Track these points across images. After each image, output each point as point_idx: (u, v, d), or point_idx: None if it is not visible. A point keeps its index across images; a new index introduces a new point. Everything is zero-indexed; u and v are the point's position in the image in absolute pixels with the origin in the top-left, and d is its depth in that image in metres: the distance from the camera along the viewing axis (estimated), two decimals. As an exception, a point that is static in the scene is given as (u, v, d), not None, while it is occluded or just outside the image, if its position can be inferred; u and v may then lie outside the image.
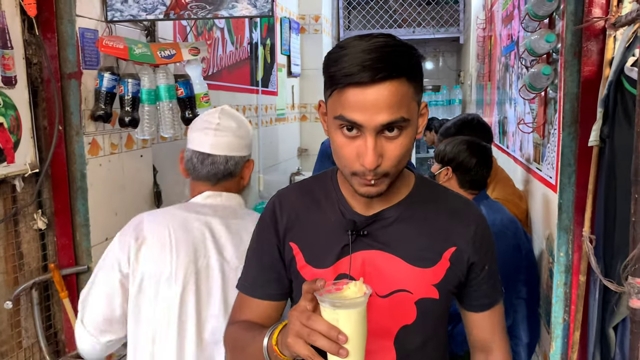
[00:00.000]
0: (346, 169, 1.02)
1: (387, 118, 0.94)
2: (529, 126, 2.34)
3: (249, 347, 1.04)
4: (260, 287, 1.16)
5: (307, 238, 1.12)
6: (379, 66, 0.92)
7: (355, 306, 0.88)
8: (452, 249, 1.10)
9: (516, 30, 2.83)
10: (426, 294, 1.09)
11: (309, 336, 0.86)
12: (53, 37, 2.08)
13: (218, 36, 3.73)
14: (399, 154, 0.98)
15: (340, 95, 0.96)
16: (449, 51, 8.80)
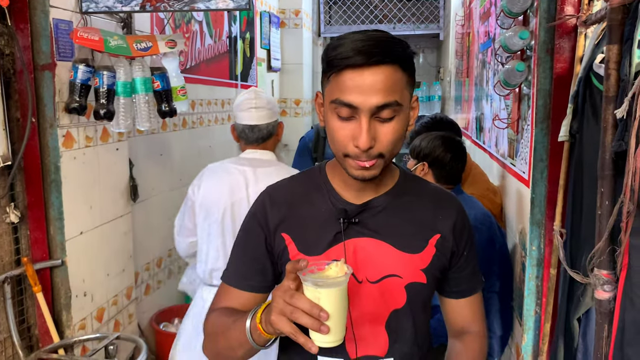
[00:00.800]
0: (340, 152, 1.06)
1: (382, 100, 0.99)
2: (504, 122, 2.37)
3: (230, 331, 1.06)
4: (244, 278, 1.18)
5: (299, 228, 1.15)
6: (374, 51, 0.98)
7: (336, 285, 0.92)
8: (437, 236, 1.16)
9: (493, 27, 2.86)
10: (415, 279, 1.14)
11: (291, 314, 0.90)
12: (26, 27, 2.04)
13: (196, 29, 3.70)
14: (392, 138, 1.03)
15: (337, 79, 1.01)
16: (429, 47, 8.85)
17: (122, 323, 2.63)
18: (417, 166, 2.19)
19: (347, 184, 1.15)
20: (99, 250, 2.42)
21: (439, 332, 2.03)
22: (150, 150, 3.07)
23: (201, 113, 3.80)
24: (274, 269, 1.19)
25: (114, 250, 2.54)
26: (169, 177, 3.33)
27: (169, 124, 3.29)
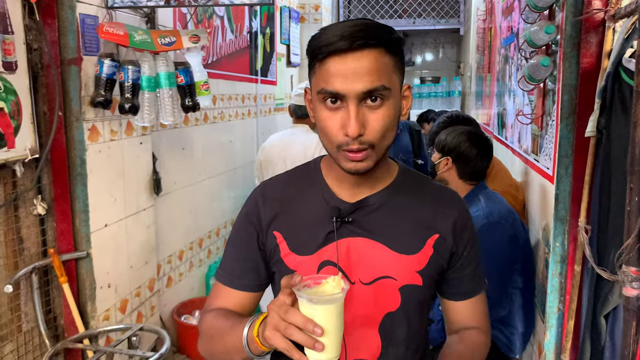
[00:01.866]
0: (331, 144, 1.02)
1: (368, 85, 0.96)
2: (528, 117, 2.35)
3: (227, 336, 1.04)
4: (238, 277, 1.16)
5: (292, 226, 1.12)
6: (357, 35, 0.95)
7: (332, 302, 0.89)
8: (436, 236, 1.11)
9: (516, 22, 2.83)
10: (410, 281, 1.09)
11: (285, 330, 0.88)
12: (53, 22, 2.08)
13: (218, 24, 3.72)
14: (382, 125, 1.00)
15: (322, 67, 0.99)
16: (449, 42, 8.78)
17: (145, 315, 2.67)
18: (440, 160, 2.18)
19: (341, 181, 1.12)
20: (123, 243, 2.45)
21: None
22: (173, 144, 3.10)
23: (222, 108, 3.83)
24: (267, 267, 1.16)
25: (137, 243, 2.57)
26: (191, 171, 3.36)
27: (191, 118, 3.32)
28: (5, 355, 2.00)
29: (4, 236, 1.99)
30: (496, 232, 1.99)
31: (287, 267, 1.11)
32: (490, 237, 1.97)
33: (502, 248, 1.99)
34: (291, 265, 1.11)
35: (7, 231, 2.00)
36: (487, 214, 2.02)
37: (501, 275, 1.99)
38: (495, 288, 1.98)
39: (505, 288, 2.00)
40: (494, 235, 1.98)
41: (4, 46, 1.85)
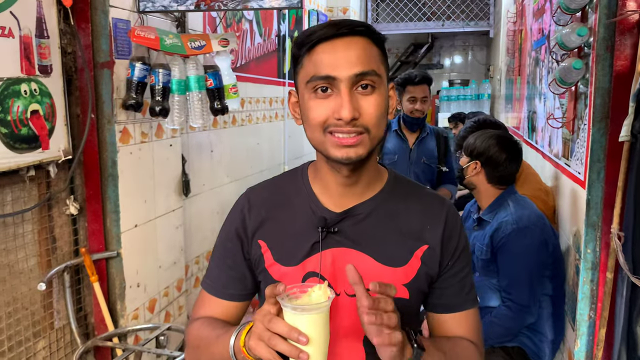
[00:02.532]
0: (318, 130, 0.99)
1: (360, 68, 0.95)
2: (559, 121, 2.31)
3: (214, 347, 1.03)
4: (223, 286, 1.14)
5: (277, 236, 1.09)
6: (343, 23, 0.98)
7: (317, 311, 0.88)
8: (424, 247, 1.07)
9: (547, 24, 2.79)
10: (396, 294, 1.01)
11: (269, 339, 0.86)
12: (87, 27, 2.12)
13: (247, 28, 3.75)
14: (375, 111, 0.97)
15: (310, 58, 0.98)
16: (478, 45, 8.69)
17: (173, 314, 2.71)
18: (469, 164, 2.16)
19: (328, 188, 1.08)
20: (152, 243, 2.49)
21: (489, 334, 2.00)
22: (202, 146, 3.14)
23: (250, 111, 3.86)
24: (253, 276, 1.14)
25: (166, 243, 2.61)
26: (219, 173, 3.40)
27: (220, 121, 3.36)
28: (38, 351, 2.05)
29: (37, 235, 2.04)
30: (525, 237, 1.96)
31: (272, 278, 1.09)
32: (519, 243, 1.95)
33: (531, 254, 1.96)
34: (275, 275, 1.08)
35: (40, 230, 2.05)
36: (516, 219, 1.99)
37: (530, 281, 1.96)
38: (524, 295, 1.95)
39: (534, 295, 1.97)
40: (523, 240, 1.95)
41: (40, 50, 1.90)
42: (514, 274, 1.97)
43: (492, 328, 2.00)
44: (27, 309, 2.00)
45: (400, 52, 9.05)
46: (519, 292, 1.96)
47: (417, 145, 3.13)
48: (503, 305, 2.00)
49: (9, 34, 1.77)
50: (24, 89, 1.84)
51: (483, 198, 2.16)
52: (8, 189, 1.89)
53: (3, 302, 1.88)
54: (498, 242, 1.99)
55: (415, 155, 3.13)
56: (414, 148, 3.13)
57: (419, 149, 3.13)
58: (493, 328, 2.00)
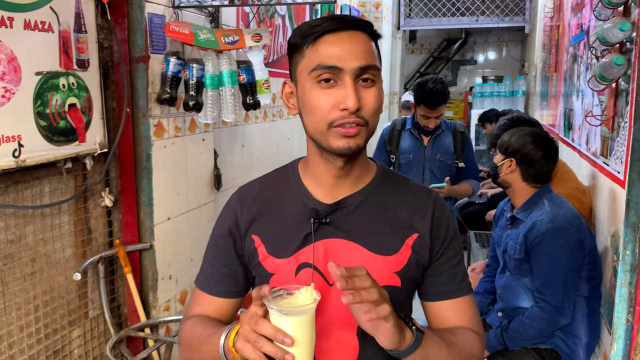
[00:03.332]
0: (321, 123, 1.01)
1: (364, 62, 0.99)
2: (598, 119, 2.25)
3: (205, 346, 1.05)
4: (215, 283, 1.15)
5: (270, 230, 1.11)
6: (346, 17, 1.02)
7: (302, 313, 0.89)
8: (415, 236, 1.09)
9: (587, 19, 2.72)
10: (388, 282, 1.07)
11: (255, 341, 0.88)
12: (123, 21, 2.16)
13: (279, 23, 3.76)
14: (375, 104, 1.01)
15: (315, 47, 1.01)
16: (512, 41, 8.54)
17: (203, 307, 2.74)
18: (504, 162, 2.12)
19: (319, 182, 1.10)
20: (184, 236, 2.52)
21: (520, 336, 1.97)
22: (233, 141, 3.16)
23: (281, 106, 3.87)
24: (246, 272, 1.15)
25: (198, 237, 2.64)
26: (249, 168, 3.42)
27: (251, 116, 3.37)
28: (73, 339, 2.10)
29: (73, 226, 2.08)
30: (561, 237, 1.91)
31: (266, 271, 1.10)
32: (554, 242, 1.91)
33: (566, 254, 1.92)
34: (269, 268, 1.10)
35: (76, 221, 2.09)
36: (551, 218, 1.95)
37: (565, 282, 1.91)
38: (558, 295, 1.91)
39: (568, 296, 1.93)
40: (558, 240, 1.91)
41: (78, 44, 1.94)
42: (548, 274, 1.93)
43: (524, 329, 1.96)
44: (63, 298, 2.04)
45: (433, 47, 8.96)
46: (553, 293, 1.92)
47: (432, 143, 3.08)
48: (536, 306, 1.96)
49: (48, 28, 1.81)
50: (62, 82, 1.87)
51: (517, 196, 2.12)
52: (46, 181, 1.93)
53: (40, 290, 1.93)
54: (532, 241, 1.95)
55: (429, 152, 3.08)
56: (429, 145, 3.08)
57: (434, 146, 3.08)
58: (525, 329, 1.96)
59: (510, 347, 2.01)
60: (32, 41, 1.74)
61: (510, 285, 2.10)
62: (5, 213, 1.77)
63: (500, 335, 2.01)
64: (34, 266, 1.90)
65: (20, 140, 1.70)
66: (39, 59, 1.77)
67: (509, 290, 2.10)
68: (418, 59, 9.09)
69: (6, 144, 1.65)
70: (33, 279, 1.90)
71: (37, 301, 1.92)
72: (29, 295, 1.89)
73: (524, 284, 2.05)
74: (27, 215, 1.86)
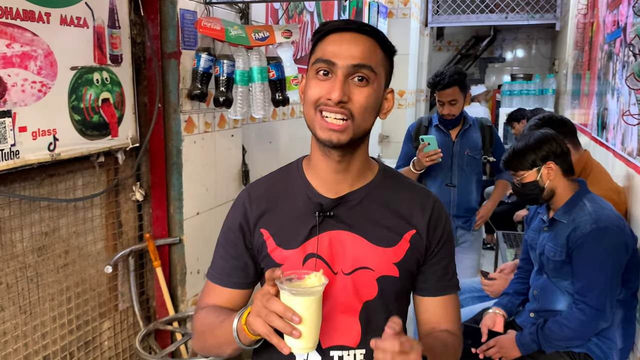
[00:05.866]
0: (311, 107, 1.09)
1: (358, 60, 1.06)
2: (635, 118, 2.19)
3: (218, 330, 1.11)
4: (226, 275, 1.22)
5: (277, 223, 1.18)
6: (355, 21, 1.11)
7: (311, 294, 0.97)
8: (412, 232, 1.17)
9: (624, 16, 2.65)
10: (386, 272, 1.15)
11: (266, 316, 0.96)
12: (156, 17, 2.17)
13: (308, 20, 3.75)
14: (364, 101, 1.07)
15: (321, 44, 1.11)
16: (542, 38, 8.39)
17: (230, 302, 2.75)
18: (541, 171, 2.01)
19: (323, 178, 1.17)
20: (213, 231, 2.53)
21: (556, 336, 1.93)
22: (261, 137, 3.17)
23: (309, 102, 3.86)
24: (255, 265, 1.22)
25: (225, 232, 2.65)
26: (277, 164, 3.38)
27: (279, 112, 3.38)
28: (103, 331, 2.13)
29: (105, 220, 2.11)
30: (605, 238, 1.86)
31: (274, 261, 1.17)
32: (598, 244, 1.85)
33: (610, 256, 1.86)
34: (278, 259, 1.16)
35: (108, 215, 2.12)
36: (595, 219, 1.89)
37: (608, 285, 1.85)
38: (600, 298, 1.85)
39: (612, 300, 1.87)
40: (602, 242, 1.85)
41: (112, 40, 1.96)
42: (591, 275, 1.87)
43: (561, 329, 1.92)
44: (95, 291, 2.07)
45: (461, 44, 8.85)
46: (596, 296, 1.86)
47: (460, 138, 3.06)
48: (576, 308, 1.91)
49: (83, 24, 1.83)
50: (96, 77, 1.90)
51: (560, 199, 2.04)
52: (79, 174, 1.96)
53: (73, 282, 1.96)
54: (575, 242, 1.90)
55: (458, 148, 3.06)
56: (457, 141, 3.06)
57: (462, 141, 3.06)
58: (562, 330, 1.91)
59: (544, 347, 1.96)
60: (67, 36, 1.76)
61: (547, 287, 2.05)
62: (40, 206, 1.80)
63: (535, 333, 1.97)
64: (67, 258, 1.93)
65: (55, 134, 1.73)
66: (74, 54, 1.79)
67: (545, 292, 2.05)
68: (446, 56, 8.99)
69: (42, 137, 1.68)
70: (66, 271, 1.93)
71: (69, 293, 1.95)
72: (61, 286, 1.92)
73: (563, 287, 2.00)
74: (61, 208, 1.89)
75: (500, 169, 3.03)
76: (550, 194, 2.04)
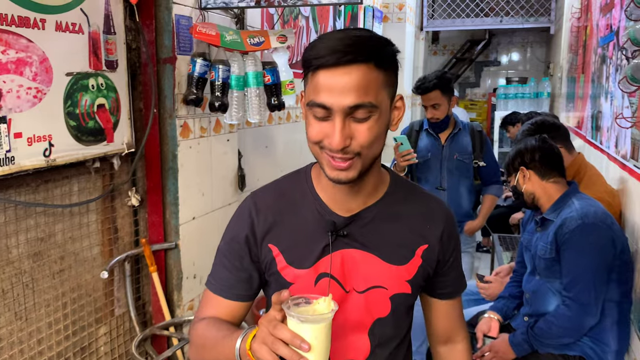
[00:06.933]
0: (316, 147, 1.04)
1: (354, 100, 0.97)
2: (628, 121, 2.21)
3: (220, 347, 1.06)
4: (229, 287, 1.17)
5: (287, 239, 1.13)
6: (346, 50, 0.96)
7: (319, 322, 0.92)
8: (424, 247, 1.16)
9: (617, 20, 2.67)
10: (400, 290, 1.15)
11: (272, 344, 0.90)
12: (151, 23, 2.18)
13: (303, 25, 3.77)
14: (368, 137, 1.00)
15: (312, 79, 1.01)
16: (537, 42, 8.43)
17: (226, 307, 2.75)
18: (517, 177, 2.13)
19: (333, 193, 1.13)
20: (209, 236, 2.54)
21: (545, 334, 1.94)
22: (257, 142, 3.18)
23: (304, 107, 3.87)
24: (260, 277, 1.17)
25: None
26: (273, 169, 3.43)
27: (275, 117, 3.38)
28: (99, 336, 2.13)
29: (101, 225, 2.11)
30: (591, 234, 1.88)
31: (285, 280, 1.13)
32: (584, 239, 1.88)
33: (596, 251, 1.88)
34: (289, 278, 1.13)
35: (104, 220, 2.12)
36: (581, 215, 1.92)
37: (593, 280, 1.87)
38: (585, 293, 1.87)
39: (597, 295, 1.88)
40: (588, 237, 1.88)
41: (107, 46, 1.97)
42: (576, 271, 1.89)
43: (549, 328, 1.93)
44: (90, 296, 2.07)
45: (456, 48, 8.88)
46: (580, 290, 1.88)
47: (450, 142, 3.09)
48: (562, 305, 1.93)
49: (79, 30, 1.83)
50: (92, 83, 1.90)
51: (545, 200, 2.09)
52: (75, 180, 1.96)
53: (69, 288, 1.96)
54: (562, 237, 1.92)
55: (447, 152, 3.09)
56: (446, 145, 3.09)
57: (451, 145, 3.09)
58: (551, 328, 1.93)
59: (536, 347, 1.97)
60: (63, 42, 1.76)
61: (539, 289, 2.07)
62: (35, 211, 1.80)
63: (526, 334, 1.99)
64: (63, 264, 1.93)
65: (50, 139, 1.73)
66: (69, 60, 1.79)
67: (537, 294, 2.06)
68: (441, 60, 9.02)
69: (37, 143, 1.68)
70: (61, 277, 1.93)
71: (65, 298, 1.95)
72: (57, 292, 1.92)
73: (554, 287, 2.01)
74: (57, 213, 1.89)
75: (487, 176, 3.09)
76: (530, 197, 2.11)
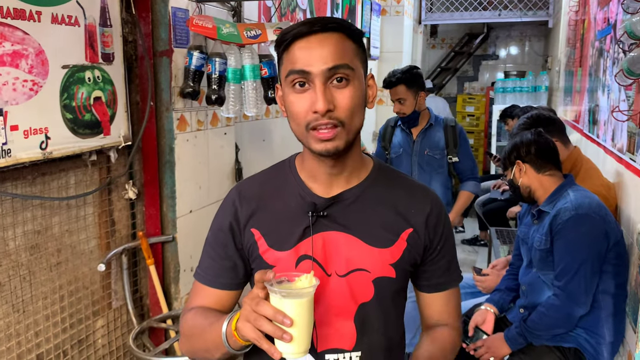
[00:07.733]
0: (300, 126, 1.05)
1: (332, 62, 1.01)
2: (624, 114, 2.21)
3: (207, 334, 1.07)
4: (215, 276, 1.18)
5: (269, 223, 1.14)
6: (317, 21, 1.04)
7: (301, 296, 0.93)
8: (409, 230, 1.14)
9: (614, 13, 2.67)
10: (383, 273, 1.12)
11: (255, 320, 0.92)
12: (147, 16, 2.17)
13: (300, 18, 3.76)
14: (350, 104, 1.03)
15: (288, 54, 1.05)
16: (535, 35, 8.41)
17: (224, 299, 2.76)
18: (513, 171, 2.14)
19: (316, 177, 1.13)
20: (206, 229, 2.51)
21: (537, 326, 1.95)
22: (254, 135, 3.18)
23: (302, 100, 3.87)
24: (245, 265, 1.18)
25: (219, 230, 2.65)
26: (270, 162, 3.41)
27: (272, 110, 3.38)
28: (97, 329, 2.13)
29: (98, 218, 2.11)
30: (584, 225, 1.89)
31: (266, 263, 1.13)
32: (577, 230, 1.89)
33: (588, 242, 1.89)
34: (270, 260, 1.13)
35: (101, 213, 2.12)
36: (575, 206, 1.92)
37: (583, 271, 1.88)
38: (574, 283, 1.88)
39: (588, 287, 1.89)
40: (581, 228, 1.89)
41: (103, 38, 1.96)
42: (566, 260, 1.90)
43: (540, 319, 1.95)
44: (88, 289, 2.08)
45: (454, 42, 8.87)
46: (570, 280, 1.89)
47: (421, 137, 3.08)
48: (552, 295, 1.95)
49: (75, 22, 1.83)
50: (88, 76, 1.90)
51: (541, 193, 2.09)
52: (72, 173, 1.96)
53: (66, 281, 1.96)
54: (556, 228, 1.93)
55: (418, 147, 3.08)
56: (417, 140, 3.09)
57: (423, 141, 3.08)
58: (541, 318, 1.94)
59: (530, 339, 1.98)
60: (59, 35, 1.76)
61: (535, 282, 2.08)
62: (32, 204, 1.80)
63: (520, 327, 2.00)
64: (60, 257, 1.94)
65: (47, 132, 1.73)
66: (65, 53, 1.79)
67: (533, 287, 2.07)
68: (439, 54, 9.01)
69: (34, 136, 1.68)
70: (59, 269, 1.93)
71: (62, 291, 1.95)
72: (54, 285, 1.92)
73: (548, 280, 2.02)
74: (54, 206, 1.89)
75: (462, 172, 3.08)
76: (526, 190, 2.12)
